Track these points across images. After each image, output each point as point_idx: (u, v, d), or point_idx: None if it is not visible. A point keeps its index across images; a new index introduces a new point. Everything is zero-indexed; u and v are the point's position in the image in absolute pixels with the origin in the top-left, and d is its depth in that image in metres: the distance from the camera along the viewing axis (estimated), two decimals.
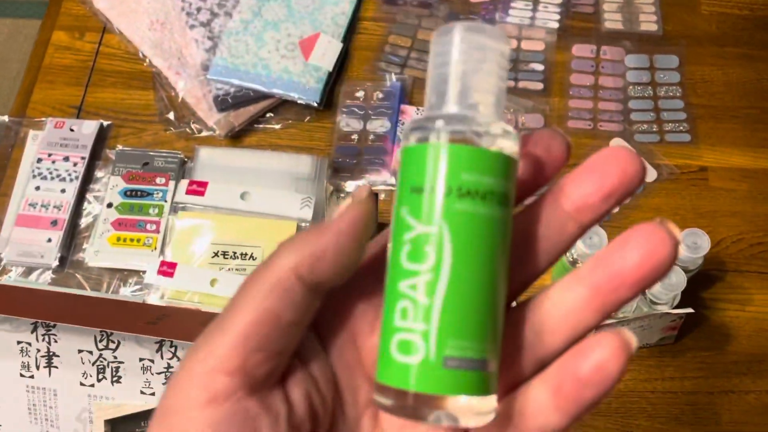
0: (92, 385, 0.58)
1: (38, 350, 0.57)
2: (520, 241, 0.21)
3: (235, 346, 0.19)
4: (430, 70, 0.21)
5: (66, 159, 0.79)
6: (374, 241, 0.23)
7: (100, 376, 0.57)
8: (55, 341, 0.57)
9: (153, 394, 0.57)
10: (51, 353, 0.57)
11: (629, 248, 0.20)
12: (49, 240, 0.74)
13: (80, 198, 0.78)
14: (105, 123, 0.82)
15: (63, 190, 0.77)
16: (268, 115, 0.81)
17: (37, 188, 0.77)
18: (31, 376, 0.57)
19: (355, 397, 0.23)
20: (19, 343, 0.56)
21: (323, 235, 0.20)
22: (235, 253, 0.70)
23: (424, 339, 0.19)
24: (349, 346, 0.23)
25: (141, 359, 0.56)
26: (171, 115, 0.81)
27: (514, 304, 0.23)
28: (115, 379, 0.57)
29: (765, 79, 0.81)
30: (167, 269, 0.68)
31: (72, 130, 0.80)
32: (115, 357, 0.56)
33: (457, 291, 0.19)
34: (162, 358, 0.56)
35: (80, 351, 0.57)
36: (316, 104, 0.79)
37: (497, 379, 0.21)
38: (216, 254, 0.70)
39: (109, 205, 0.76)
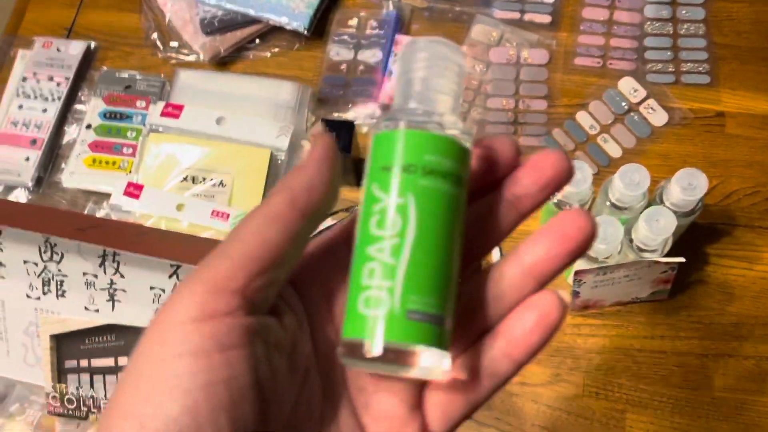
0: (38, 298, 0.56)
1: None
2: (474, 223, 0.24)
3: (238, 269, 0.21)
4: (399, 74, 0.24)
5: (50, 79, 0.77)
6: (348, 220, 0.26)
7: (46, 289, 0.56)
8: (1, 250, 0.55)
9: (97, 311, 0.56)
10: None
11: (560, 228, 0.23)
12: (27, 159, 0.73)
13: (62, 119, 0.76)
14: (93, 45, 0.80)
15: (45, 110, 0.76)
16: (256, 41, 0.78)
17: (20, 107, 0.76)
18: None
19: (328, 353, 0.24)
20: None
21: (306, 168, 0.22)
22: (204, 178, 0.67)
23: (390, 294, 0.21)
24: (324, 305, 0.25)
25: (84, 273, 0.54)
26: (156, 38, 0.78)
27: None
28: (60, 293, 0.55)
29: None
30: (133, 190, 0.66)
31: (59, 50, 0.79)
32: (60, 270, 0.55)
33: (420, 253, 0.22)
34: (105, 273, 0.54)
35: (26, 262, 0.55)
36: (304, 30, 0.75)
37: (452, 338, 0.23)
38: (185, 179, 0.67)
39: (88, 127, 0.74)
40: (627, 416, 0.60)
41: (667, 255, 0.58)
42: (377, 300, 0.21)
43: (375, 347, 0.21)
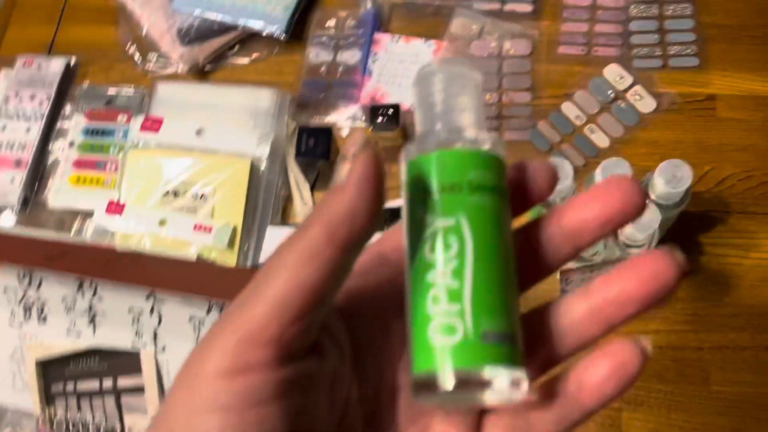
0: (21, 325, 0.56)
1: None
2: (523, 250, 0.23)
3: (272, 316, 0.19)
4: (418, 100, 0.24)
5: (32, 98, 0.77)
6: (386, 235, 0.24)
7: (27, 315, 0.56)
8: None
9: (79, 334, 0.55)
10: None
11: (637, 270, 0.21)
12: (12, 180, 0.73)
13: (46, 138, 0.76)
14: (73, 61, 0.80)
15: (28, 130, 0.76)
16: (235, 48, 0.77)
17: (3, 128, 0.76)
18: None
19: (377, 380, 0.23)
20: None
21: (346, 193, 0.20)
22: (186, 191, 0.67)
23: (460, 318, 0.20)
24: (376, 326, 0.23)
25: (63, 298, 0.54)
26: (134, 50, 0.77)
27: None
28: (41, 318, 0.55)
29: None
30: (116, 208, 0.65)
31: (40, 68, 0.79)
32: (39, 296, 0.55)
33: (482, 272, 0.21)
34: (83, 297, 0.54)
35: (6, 290, 0.55)
36: (282, 34, 0.74)
37: (524, 358, 0.21)
38: (167, 193, 0.67)
39: (71, 144, 0.74)
40: (623, 415, 0.59)
41: (657, 247, 0.56)
42: (448, 327, 0.20)
43: (454, 377, 0.20)
